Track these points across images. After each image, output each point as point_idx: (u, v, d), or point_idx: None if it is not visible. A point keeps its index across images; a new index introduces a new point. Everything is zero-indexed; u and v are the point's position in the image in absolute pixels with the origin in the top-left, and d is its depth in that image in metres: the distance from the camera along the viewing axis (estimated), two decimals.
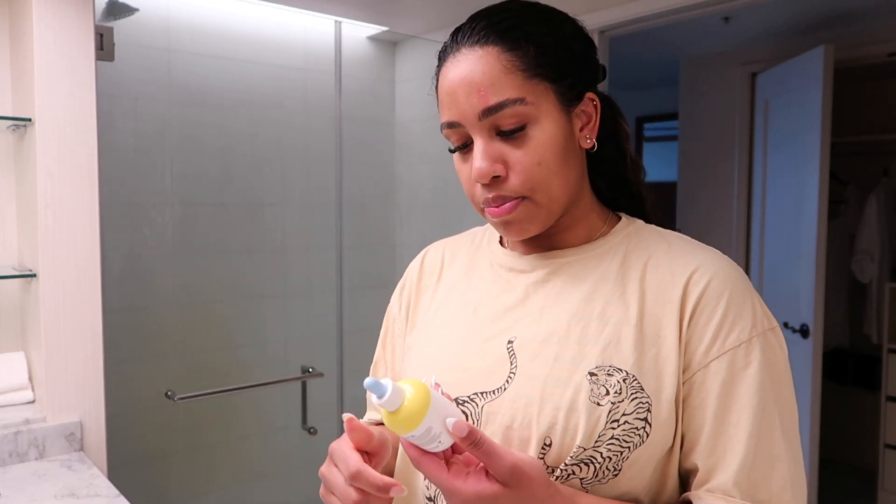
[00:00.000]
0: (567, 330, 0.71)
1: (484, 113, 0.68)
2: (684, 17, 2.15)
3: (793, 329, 2.79)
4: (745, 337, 0.68)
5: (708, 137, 3.54)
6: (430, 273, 0.88)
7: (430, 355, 0.79)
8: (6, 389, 1.51)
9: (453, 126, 0.71)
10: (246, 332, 2.20)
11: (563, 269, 0.76)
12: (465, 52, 0.70)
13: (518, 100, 0.68)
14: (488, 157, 0.69)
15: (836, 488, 3.31)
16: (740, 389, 0.67)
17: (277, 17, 2.17)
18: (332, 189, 2.29)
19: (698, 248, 0.75)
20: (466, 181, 0.74)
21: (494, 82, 0.67)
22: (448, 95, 0.70)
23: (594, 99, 0.74)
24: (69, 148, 1.46)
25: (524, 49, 0.69)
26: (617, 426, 0.66)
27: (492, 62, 0.68)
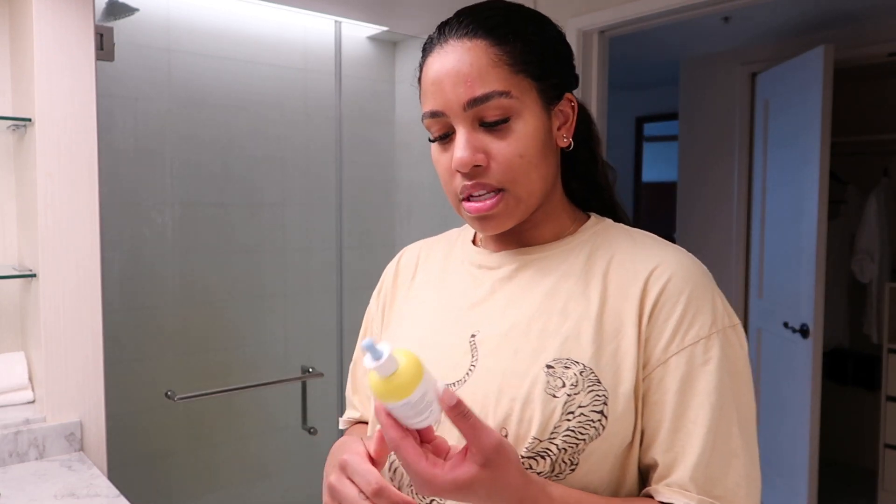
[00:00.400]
0: (528, 324, 0.72)
1: (469, 103, 0.69)
2: (684, 17, 2.15)
3: (793, 329, 2.79)
4: (705, 333, 0.69)
5: (708, 137, 3.54)
6: (404, 274, 0.90)
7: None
8: (6, 389, 1.51)
9: (436, 115, 0.72)
10: (246, 332, 2.20)
11: (529, 266, 0.77)
12: (452, 43, 0.71)
13: (504, 92, 0.69)
14: (470, 147, 0.70)
15: (836, 488, 3.31)
16: (699, 385, 0.68)
17: (277, 17, 2.17)
18: (332, 189, 2.29)
19: (663, 245, 0.76)
20: (445, 172, 0.74)
21: (482, 74, 0.69)
22: (433, 85, 0.71)
23: (572, 100, 0.77)
24: (69, 148, 1.46)
25: (511, 45, 0.70)
26: (572, 418, 0.67)
27: (479, 55, 0.69)
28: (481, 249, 0.83)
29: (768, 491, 3.14)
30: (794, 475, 2.85)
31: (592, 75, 2.30)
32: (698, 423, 0.67)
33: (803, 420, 2.75)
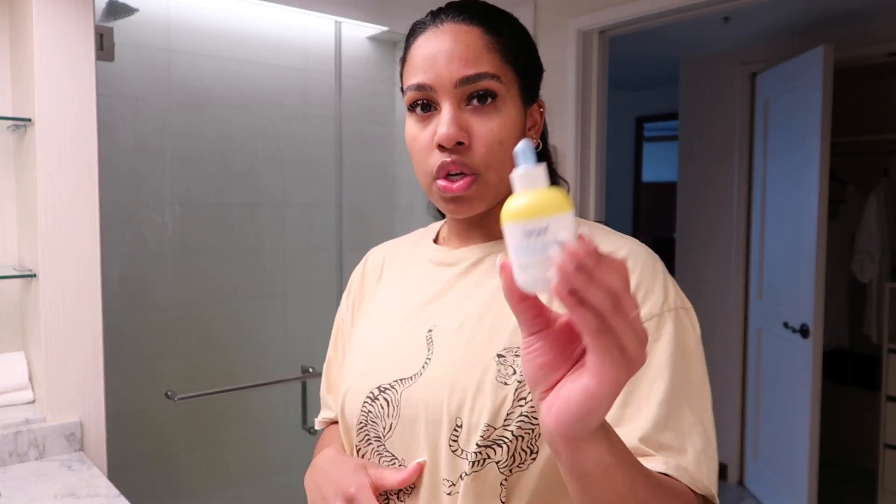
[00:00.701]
0: (481, 316, 0.74)
1: (462, 80, 0.71)
2: (684, 17, 2.16)
3: (793, 329, 2.79)
4: (657, 311, 0.70)
5: (708, 137, 3.54)
6: (371, 275, 0.93)
7: (364, 348, 0.84)
8: (6, 389, 1.51)
9: (423, 89, 0.73)
10: (246, 332, 2.20)
11: (485, 261, 0.79)
12: (449, 25, 0.74)
13: (494, 76, 0.72)
14: (456, 123, 0.72)
15: (836, 488, 3.31)
16: (651, 360, 0.68)
17: (277, 17, 2.17)
18: (332, 189, 2.29)
19: (613, 234, 0.79)
20: (422, 147, 0.75)
21: (476, 55, 0.72)
22: (426, 60, 0.73)
23: (542, 106, 0.81)
24: (69, 148, 1.46)
25: (504, 36, 0.74)
26: (525, 403, 0.68)
27: (475, 38, 0.73)
28: (441, 247, 0.85)
29: (768, 491, 3.15)
30: (794, 475, 2.85)
31: (592, 75, 2.30)
32: (651, 396, 0.66)
33: (803, 420, 2.75)
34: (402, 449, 0.74)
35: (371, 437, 0.77)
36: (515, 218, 0.45)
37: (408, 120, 0.77)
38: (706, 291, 3.55)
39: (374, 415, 0.76)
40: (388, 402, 0.75)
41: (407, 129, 0.78)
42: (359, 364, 0.82)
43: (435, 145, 0.73)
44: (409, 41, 0.77)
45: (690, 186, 3.65)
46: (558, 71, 2.31)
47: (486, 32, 0.73)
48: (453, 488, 0.70)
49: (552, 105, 2.38)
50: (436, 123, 0.73)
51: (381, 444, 0.76)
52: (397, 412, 0.74)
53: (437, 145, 0.73)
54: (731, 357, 3.44)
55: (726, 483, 3.47)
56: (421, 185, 0.78)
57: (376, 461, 0.76)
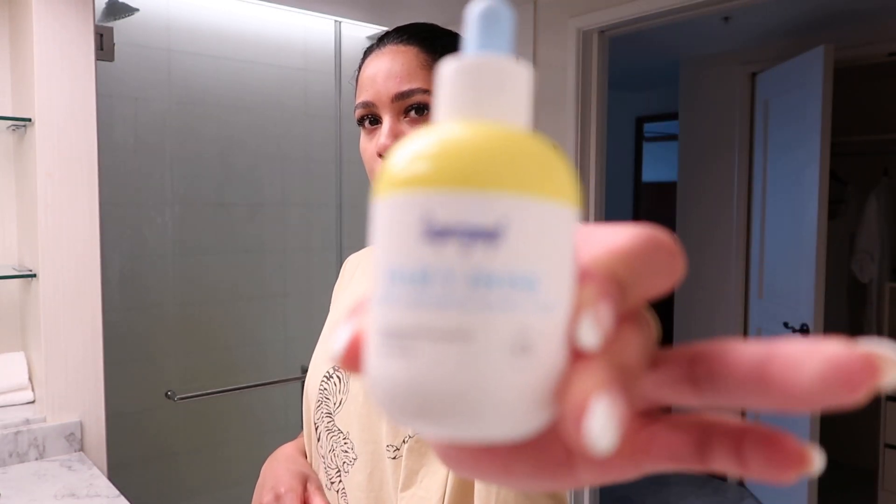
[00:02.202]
0: None
1: (397, 96, 0.78)
2: (684, 17, 2.16)
3: (793, 329, 2.79)
4: None
5: (708, 137, 3.54)
6: (345, 278, 1.03)
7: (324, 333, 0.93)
8: (6, 389, 1.51)
9: (367, 105, 0.81)
10: (246, 332, 2.20)
11: None
12: (389, 47, 0.82)
13: (426, 90, 0.79)
14: (393, 134, 0.79)
15: (836, 488, 3.31)
16: None
17: (277, 17, 2.17)
18: (332, 189, 2.29)
19: None
20: (370, 158, 0.82)
21: (410, 72, 0.79)
22: (368, 79, 0.81)
23: None
24: (69, 148, 1.46)
25: (438, 54, 0.81)
26: None
27: (410, 57, 0.80)
28: None
29: (768, 491, 3.15)
30: None
31: (592, 75, 2.30)
32: None
33: (803, 420, 2.75)
34: (348, 422, 0.80)
35: (324, 413, 0.84)
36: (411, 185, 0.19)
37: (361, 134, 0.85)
38: (706, 291, 3.55)
39: (328, 392, 0.84)
40: (339, 380, 0.83)
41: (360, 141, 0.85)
42: (319, 349, 0.91)
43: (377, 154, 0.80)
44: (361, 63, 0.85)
45: (690, 186, 3.65)
46: (558, 71, 2.31)
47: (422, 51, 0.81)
48: (397, 452, 0.75)
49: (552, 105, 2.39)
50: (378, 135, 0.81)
51: (332, 419, 0.83)
52: (346, 388, 0.81)
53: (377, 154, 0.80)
54: None
55: (726, 483, 3.47)
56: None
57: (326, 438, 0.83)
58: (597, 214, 2.36)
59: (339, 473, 0.81)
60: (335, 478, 0.82)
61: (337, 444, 0.82)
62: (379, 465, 0.77)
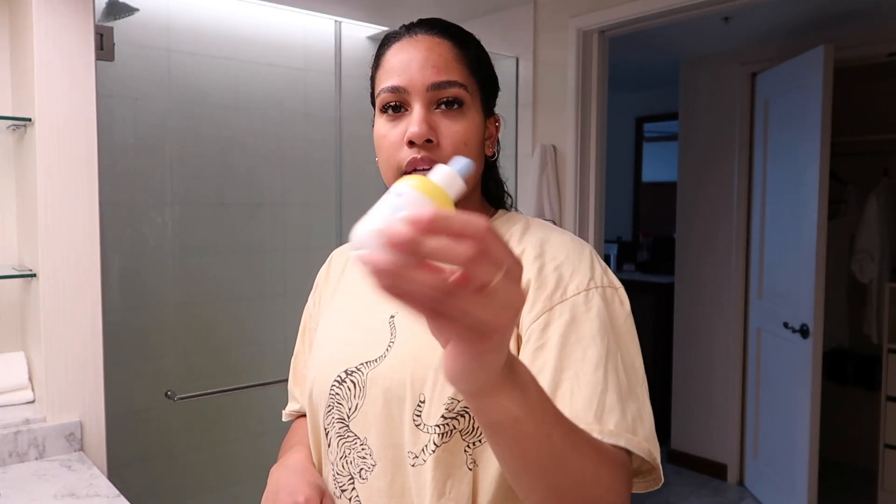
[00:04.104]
0: None
1: (433, 86, 0.78)
2: (684, 17, 2.16)
3: (793, 329, 2.79)
4: (584, 287, 0.75)
5: (708, 137, 3.54)
6: (334, 273, 0.99)
7: (329, 336, 0.89)
8: (6, 389, 1.51)
9: (397, 91, 0.79)
10: (246, 332, 2.20)
11: None
12: (422, 36, 0.81)
13: (462, 84, 0.79)
14: (426, 123, 0.78)
15: (836, 488, 3.31)
16: (583, 330, 0.71)
17: (277, 17, 2.17)
18: (332, 189, 2.29)
19: (550, 228, 0.84)
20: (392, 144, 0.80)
21: (447, 64, 0.79)
22: (400, 64, 0.79)
23: (498, 121, 0.89)
24: (69, 148, 1.46)
25: (470, 51, 0.82)
26: None
27: (446, 48, 0.80)
28: None
29: (768, 491, 3.15)
30: (793, 475, 2.85)
31: (592, 75, 2.30)
32: (586, 361, 0.69)
33: (803, 420, 2.75)
34: (365, 428, 0.78)
35: (335, 419, 0.82)
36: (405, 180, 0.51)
37: (378, 120, 0.83)
38: (706, 291, 3.55)
39: (340, 397, 0.81)
40: (354, 385, 0.80)
41: (376, 128, 0.83)
42: (325, 351, 0.87)
43: (406, 142, 0.78)
44: (383, 50, 0.84)
45: (690, 186, 3.65)
46: (558, 71, 2.31)
47: (456, 46, 0.81)
48: (417, 459, 0.74)
49: (552, 105, 2.39)
50: (407, 122, 0.78)
51: (345, 425, 0.80)
52: (363, 393, 0.79)
53: (407, 142, 0.78)
54: (731, 357, 3.44)
55: (726, 483, 3.47)
56: (385, 181, 0.83)
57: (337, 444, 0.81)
58: (597, 214, 2.36)
59: (353, 480, 0.79)
60: (347, 485, 0.80)
61: (352, 451, 0.79)
62: (400, 471, 0.76)
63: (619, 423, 0.66)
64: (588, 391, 0.68)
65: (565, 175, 2.33)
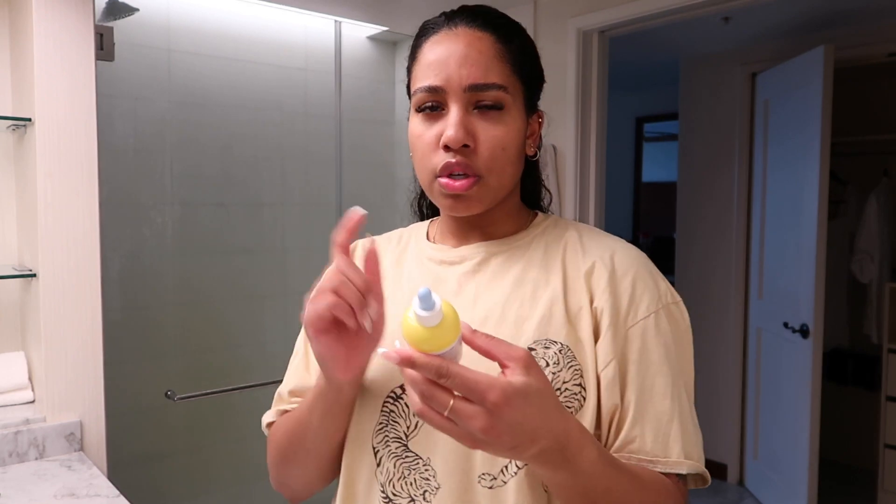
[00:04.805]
0: (503, 312, 0.76)
1: (472, 87, 0.73)
2: (684, 17, 2.16)
3: (793, 329, 2.79)
4: (654, 308, 0.75)
5: (708, 137, 3.54)
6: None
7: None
8: (6, 389, 1.51)
9: (434, 91, 0.74)
10: (246, 332, 2.20)
11: (491, 259, 0.81)
12: (463, 29, 0.75)
13: (502, 86, 0.74)
14: (463, 126, 0.73)
15: (836, 488, 3.31)
16: (653, 356, 0.73)
17: (277, 17, 2.17)
18: (332, 189, 2.29)
19: (605, 235, 0.82)
20: (427, 145, 0.76)
21: (488, 63, 0.74)
22: (438, 62, 0.74)
23: (541, 117, 0.84)
24: (69, 148, 1.46)
25: (514, 46, 0.76)
26: (559, 394, 0.71)
27: (488, 45, 0.74)
28: (439, 246, 0.86)
29: (768, 491, 3.15)
30: (793, 475, 2.85)
31: (592, 75, 2.30)
32: (655, 390, 0.72)
33: (803, 420, 2.75)
34: (429, 448, 0.73)
35: (390, 437, 0.76)
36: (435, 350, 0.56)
37: (413, 118, 0.78)
38: (706, 291, 3.55)
39: (396, 415, 0.75)
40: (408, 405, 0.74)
41: (411, 126, 0.79)
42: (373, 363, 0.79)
43: (441, 145, 0.74)
44: (421, 40, 0.78)
45: (690, 186, 3.65)
46: (558, 71, 2.31)
47: (498, 40, 0.75)
48: (495, 481, 0.71)
49: (552, 105, 2.39)
50: (443, 124, 0.74)
51: (403, 444, 0.75)
52: None
53: (443, 146, 0.74)
54: (731, 357, 3.44)
55: (726, 483, 3.47)
56: (420, 181, 0.80)
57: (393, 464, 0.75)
58: (597, 214, 2.36)
59: (413, 502, 0.74)
60: None
61: (412, 471, 0.74)
62: (467, 494, 0.71)
63: (680, 451, 0.71)
64: (655, 423, 0.71)
65: (565, 175, 2.33)
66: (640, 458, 0.71)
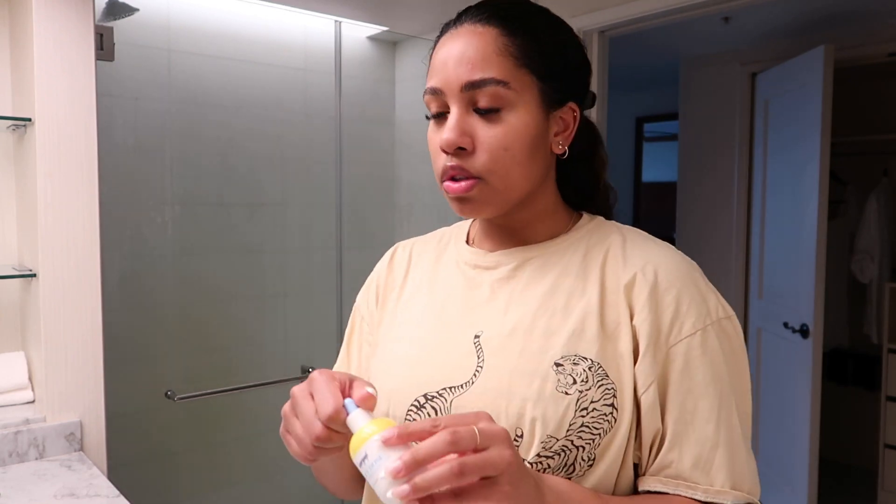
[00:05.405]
0: (532, 323, 0.73)
1: (467, 85, 0.70)
2: (684, 17, 2.15)
3: (793, 329, 2.79)
4: (701, 325, 0.70)
5: (708, 137, 3.54)
6: (397, 271, 0.89)
7: (397, 353, 0.80)
8: (6, 389, 1.51)
9: (435, 92, 0.73)
10: (246, 332, 2.20)
11: (526, 265, 0.77)
12: (466, 27, 0.72)
13: (502, 82, 0.70)
14: (458, 129, 0.71)
15: (836, 488, 3.31)
16: (697, 376, 0.69)
17: (277, 17, 2.17)
18: (332, 189, 2.29)
19: (651, 242, 0.77)
20: (434, 150, 0.75)
21: (485, 59, 0.70)
22: (439, 63, 0.73)
23: (575, 110, 0.77)
24: (69, 148, 1.46)
25: (521, 39, 0.71)
26: (586, 414, 0.68)
27: (488, 41, 0.71)
28: (476, 249, 0.82)
29: (768, 491, 3.14)
30: (794, 475, 2.85)
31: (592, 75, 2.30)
32: (697, 413, 0.68)
33: (803, 420, 2.75)
34: None
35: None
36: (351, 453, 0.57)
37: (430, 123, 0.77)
38: None
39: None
40: (436, 412, 0.73)
41: (428, 130, 0.77)
42: (398, 369, 0.78)
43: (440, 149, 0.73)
44: (435, 42, 0.76)
45: (690, 186, 3.65)
46: None
47: (503, 34, 0.71)
48: None
49: None
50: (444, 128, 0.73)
51: None
52: None
53: (441, 149, 0.73)
54: None
55: None
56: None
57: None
58: None
59: None
60: None
61: None
62: None
63: (726, 480, 0.67)
64: (697, 449, 0.67)
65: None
66: (678, 483, 0.68)
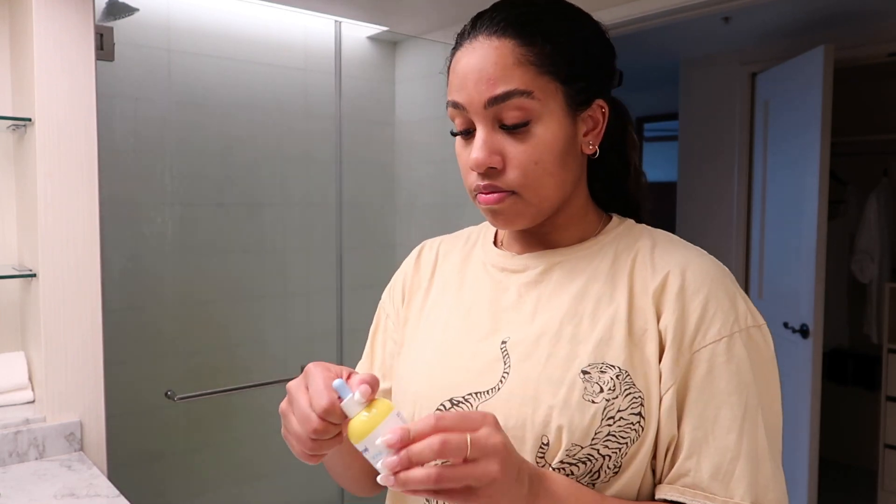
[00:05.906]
0: (559, 329, 0.72)
1: (490, 101, 0.68)
2: (684, 17, 2.15)
3: (793, 329, 2.79)
4: (727, 332, 0.68)
5: (708, 137, 3.54)
6: (424, 270, 0.88)
7: (423, 355, 0.80)
8: (6, 389, 1.51)
9: (458, 107, 0.71)
10: (246, 332, 2.20)
11: (554, 270, 0.76)
12: (482, 40, 0.70)
13: (525, 92, 0.68)
14: (487, 148, 0.69)
15: (836, 488, 3.31)
16: (720, 384, 0.67)
17: (277, 17, 2.17)
18: (332, 189, 2.29)
19: (681, 246, 0.75)
20: (464, 166, 0.74)
21: (505, 73, 0.68)
22: (459, 79, 0.71)
23: (603, 106, 0.75)
24: (69, 148, 1.46)
25: (540, 45, 0.69)
26: (613, 423, 0.67)
27: (505, 54, 0.68)
28: (504, 252, 0.81)
29: None
30: (794, 475, 2.85)
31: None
32: (718, 422, 0.66)
33: (803, 420, 2.75)
34: None
35: None
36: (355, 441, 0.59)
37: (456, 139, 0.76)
38: None
39: None
40: None
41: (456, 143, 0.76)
42: (423, 371, 0.78)
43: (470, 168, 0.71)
44: (452, 53, 0.74)
45: (690, 186, 3.65)
46: None
47: (520, 45, 0.69)
48: None
49: None
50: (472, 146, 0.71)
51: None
52: None
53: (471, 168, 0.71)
54: None
55: None
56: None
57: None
58: None
59: None
60: None
61: None
62: None
63: (746, 492, 0.65)
64: (716, 458, 0.66)
65: None
66: (695, 493, 0.66)
